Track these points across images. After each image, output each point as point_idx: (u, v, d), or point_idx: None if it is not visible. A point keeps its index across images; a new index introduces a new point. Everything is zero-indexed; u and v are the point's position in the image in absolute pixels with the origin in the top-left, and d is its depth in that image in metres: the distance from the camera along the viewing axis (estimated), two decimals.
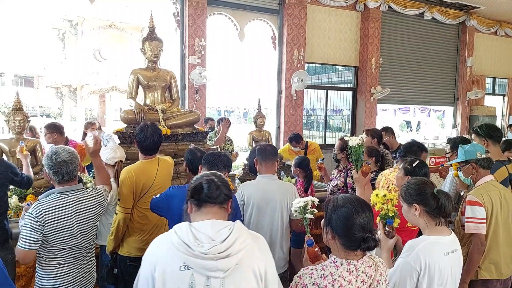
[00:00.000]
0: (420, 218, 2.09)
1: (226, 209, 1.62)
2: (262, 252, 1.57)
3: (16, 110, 3.76)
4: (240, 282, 1.45)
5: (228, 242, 1.43)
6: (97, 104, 13.88)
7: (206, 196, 1.59)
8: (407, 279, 1.95)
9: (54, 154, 2.27)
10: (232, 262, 1.43)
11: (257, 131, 5.75)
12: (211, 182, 1.61)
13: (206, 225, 1.52)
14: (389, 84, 9.76)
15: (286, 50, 8.33)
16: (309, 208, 2.06)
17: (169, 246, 1.47)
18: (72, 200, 2.30)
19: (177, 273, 1.44)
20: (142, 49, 4.24)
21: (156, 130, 2.95)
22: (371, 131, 4.53)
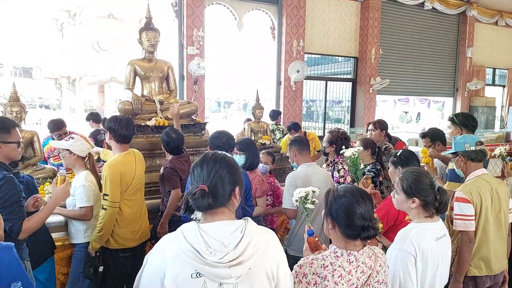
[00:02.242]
0: (414, 210, 2.09)
1: (232, 202, 1.49)
2: (274, 250, 1.50)
3: (13, 101, 3.73)
4: (253, 284, 1.41)
5: (241, 248, 1.37)
6: (96, 95, 13.84)
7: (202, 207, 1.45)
8: (409, 266, 1.95)
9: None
10: (245, 268, 1.38)
11: (255, 122, 5.72)
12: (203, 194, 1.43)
13: (216, 228, 1.42)
14: (389, 75, 9.73)
15: (285, 41, 8.27)
16: (310, 198, 2.05)
17: (179, 252, 1.37)
18: None
19: (189, 281, 1.37)
20: (139, 39, 4.20)
21: (131, 121, 3.06)
22: (378, 123, 4.36)
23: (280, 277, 1.48)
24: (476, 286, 2.71)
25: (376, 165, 3.71)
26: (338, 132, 3.75)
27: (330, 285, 1.61)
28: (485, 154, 2.78)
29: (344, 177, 3.55)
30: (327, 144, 3.76)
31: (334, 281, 1.61)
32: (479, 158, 2.74)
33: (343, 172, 3.57)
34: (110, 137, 2.96)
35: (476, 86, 11.12)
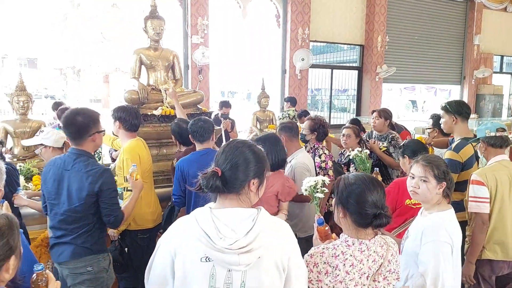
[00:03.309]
0: (438, 195, 2.08)
1: (246, 192, 1.48)
2: (286, 242, 1.47)
3: (20, 90, 3.75)
4: (262, 274, 1.40)
5: (251, 236, 1.36)
6: (101, 85, 13.85)
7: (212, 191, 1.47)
8: (449, 257, 1.97)
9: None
10: (254, 256, 1.37)
11: (261, 111, 5.72)
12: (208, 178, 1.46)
13: (228, 214, 1.43)
14: (395, 63, 9.62)
15: (290, 29, 8.18)
16: (319, 187, 2.04)
17: (191, 235, 1.40)
18: None
19: (198, 264, 1.40)
20: (144, 28, 4.17)
21: (138, 110, 3.17)
22: (383, 112, 4.32)
23: (291, 268, 1.46)
24: (493, 270, 2.73)
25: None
26: (320, 120, 3.80)
27: (341, 274, 1.60)
28: (505, 140, 2.82)
29: (326, 162, 3.61)
30: (308, 131, 3.78)
31: (345, 270, 1.60)
32: (499, 144, 2.80)
33: (324, 157, 3.63)
34: (120, 126, 2.99)
35: (483, 74, 10.98)
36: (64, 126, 2.35)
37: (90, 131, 2.32)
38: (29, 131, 3.77)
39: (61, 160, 2.33)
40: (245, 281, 1.38)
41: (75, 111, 2.37)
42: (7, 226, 1.28)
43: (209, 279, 1.39)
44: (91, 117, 2.35)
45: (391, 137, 4.19)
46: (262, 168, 1.51)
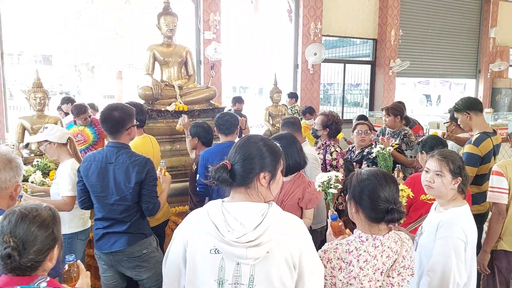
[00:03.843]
0: (453, 190, 2.08)
1: (256, 186, 1.47)
2: (298, 238, 1.43)
3: (36, 87, 3.82)
4: (271, 269, 1.39)
5: (260, 230, 1.35)
6: (114, 81, 13.97)
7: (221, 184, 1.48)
8: (462, 254, 1.96)
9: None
10: (263, 251, 1.36)
11: (274, 106, 5.72)
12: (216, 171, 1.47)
13: (239, 208, 1.43)
14: (409, 57, 9.51)
15: (303, 23, 8.15)
16: (332, 183, 2.04)
17: (202, 227, 1.42)
18: None
19: (207, 256, 1.42)
20: (157, 24, 4.20)
21: (143, 106, 3.12)
22: (391, 109, 4.16)
23: (303, 265, 1.42)
24: (509, 262, 2.73)
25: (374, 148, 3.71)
26: (333, 116, 3.70)
27: (355, 270, 1.60)
28: None
29: (337, 160, 3.55)
30: (320, 126, 3.68)
31: (359, 266, 1.60)
32: None
33: (336, 154, 3.56)
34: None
35: (499, 67, 10.79)
36: (102, 121, 2.45)
37: (126, 125, 2.44)
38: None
39: (101, 154, 2.42)
40: (254, 275, 1.38)
41: (112, 107, 2.48)
42: (51, 218, 1.35)
43: (218, 271, 1.41)
44: (126, 111, 2.48)
45: (403, 134, 4.05)
46: (273, 162, 1.49)
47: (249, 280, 1.39)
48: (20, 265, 1.26)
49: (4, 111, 6.18)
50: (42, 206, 1.38)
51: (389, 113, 4.14)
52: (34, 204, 1.38)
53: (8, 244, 1.26)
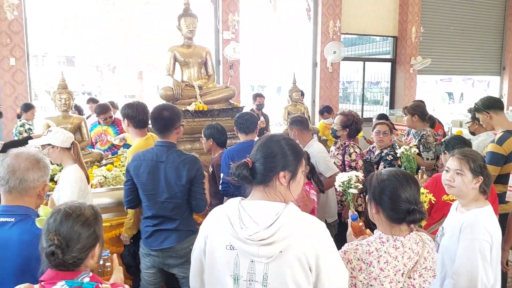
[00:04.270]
0: (475, 190, 2.05)
1: (275, 185, 1.46)
2: (312, 237, 1.41)
3: (62, 88, 3.93)
4: (284, 269, 1.38)
5: (273, 229, 1.35)
6: (135, 82, 14.21)
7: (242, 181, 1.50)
8: (487, 256, 1.94)
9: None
10: (275, 250, 1.36)
11: (293, 105, 5.71)
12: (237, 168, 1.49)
13: (255, 206, 1.45)
14: (430, 54, 9.34)
15: (321, 22, 8.10)
16: (353, 183, 2.04)
17: (220, 223, 1.46)
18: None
19: (223, 251, 1.45)
20: (178, 26, 4.26)
21: (146, 106, 3.02)
22: (408, 108, 4.08)
23: (321, 267, 1.40)
24: None
25: (394, 148, 3.62)
26: (353, 116, 3.62)
27: (375, 271, 1.60)
28: None
29: (356, 161, 3.50)
30: (339, 127, 3.61)
31: (379, 267, 1.60)
32: None
33: (355, 156, 3.51)
34: (128, 124, 2.94)
35: None
36: (152, 121, 2.53)
37: (175, 124, 2.52)
38: (71, 127, 3.95)
39: (151, 153, 2.49)
40: (268, 273, 1.39)
41: (162, 107, 2.57)
42: (93, 217, 1.41)
43: (233, 267, 1.43)
44: (175, 111, 2.56)
45: (421, 134, 3.94)
46: (295, 162, 1.48)
47: (263, 278, 1.39)
48: (64, 262, 1.32)
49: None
50: (86, 205, 1.43)
51: (406, 112, 4.07)
52: (78, 203, 1.43)
53: (53, 242, 1.31)
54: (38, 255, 1.54)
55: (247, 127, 3.16)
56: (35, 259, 1.55)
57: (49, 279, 1.32)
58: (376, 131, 3.69)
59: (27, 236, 1.58)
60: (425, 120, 4.08)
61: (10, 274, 1.57)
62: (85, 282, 1.32)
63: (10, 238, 1.58)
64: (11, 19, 5.91)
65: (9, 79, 6.07)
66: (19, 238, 1.58)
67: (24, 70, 6.16)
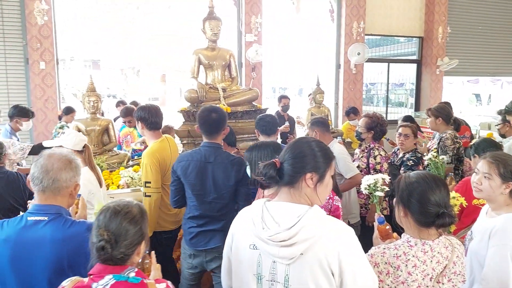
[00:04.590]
0: (504, 195, 2.00)
1: (302, 187, 1.45)
2: (334, 241, 1.37)
3: (90, 91, 4.04)
4: (305, 272, 1.37)
5: (293, 231, 1.34)
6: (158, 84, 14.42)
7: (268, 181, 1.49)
8: None
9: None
10: (296, 252, 1.35)
11: (316, 107, 5.68)
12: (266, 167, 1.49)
13: (279, 207, 1.45)
14: (458, 55, 9.13)
15: (345, 23, 8.04)
16: (379, 185, 2.02)
17: (246, 222, 1.49)
18: None
19: (247, 250, 1.47)
20: (202, 29, 4.31)
21: (159, 108, 3.06)
22: (432, 110, 4.00)
23: (345, 271, 1.36)
24: None
25: (416, 153, 3.56)
26: (378, 118, 3.57)
27: (403, 275, 1.58)
28: None
29: (381, 164, 3.44)
30: (364, 129, 3.56)
31: (407, 271, 1.58)
32: None
33: (380, 158, 3.45)
34: (143, 126, 2.97)
35: None
36: (200, 123, 2.59)
37: (223, 126, 2.60)
38: (99, 129, 4.06)
39: (199, 154, 2.54)
40: (289, 275, 1.39)
41: (210, 109, 2.63)
42: (140, 215, 1.47)
43: (256, 266, 1.45)
44: (223, 113, 2.64)
45: (440, 137, 3.87)
46: (323, 164, 1.47)
47: (285, 279, 1.39)
48: (112, 257, 1.38)
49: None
50: (133, 204, 1.50)
51: (430, 114, 3.99)
52: (126, 201, 1.50)
53: (102, 237, 1.38)
54: (69, 254, 1.60)
55: (269, 129, 3.20)
56: (67, 258, 1.61)
57: (97, 272, 1.38)
58: (398, 133, 3.68)
59: (59, 234, 1.62)
60: (450, 123, 3.98)
61: (43, 272, 1.61)
62: (131, 276, 1.38)
63: (43, 237, 1.62)
64: (41, 24, 6.10)
65: (39, 82, 6.27)
66: (51, 237, 1.61)
67: (53, 74, 6.34)
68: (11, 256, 1.59)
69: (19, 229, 1.63)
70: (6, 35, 6.08)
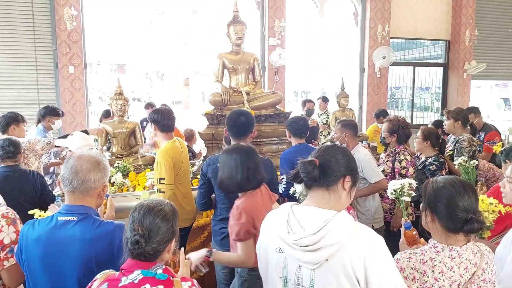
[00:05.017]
0: None
1: (338, 189, 1.46)
2: (360, 247, 1.35)
3: (118, 94, 4.14)
4: (329, 277, 1.35)
5: (318, 236, 1.34)
6: (181, 88, 14.62)
7: (307, 181, 1.48)
8: None
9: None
10: (321, 257, 1.34)
11: (340, 111, 5.65)
12: (307, 164, 1.47)
13: (306, 211, 1.45)
14: (486, 58, 8.91)
15: (370, 26, 7.98)
16: (406, 190, 2.00)
17: (273, 226, 1.50)
18: None
19: (274, 253, 1.48)
20: (227, 33, 4.35)
21: (171, 111, 3.14)
22: (452, 112, 3.97)
23: (370, 279, 1.33)
24: None
25: (438, 157, 3.51)
26: (399, 121, 3.52)
27: (429, 281, 1.55)
28: None
29: (406, 168, 3.37)
30: (387, 134, 3.53)
31: (434, 277, 1.55)
32: None
33: (405, 163, 3.39)
34: (156, 128, 3.06)
35: None
36: (229, 126, 2.71)
37: (251, 129, 2.71)
38: (126, 131, 4.15)
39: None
40: (314, 280, 1.39)
41: (239, 112, 2.74)
42: (171, 213, 1.53)
43: (282, 270, 1.46)
44: (251, 117, 2.74)
45: (457, 139, 3.83)
46: (356, 170, 1.52)
47: (310, 284, 1.39)
48: (145, 252, 1.42)
49: (86, 117, 6.74)
50: (165, 202, 1.55)
51: (449, 117, 3.96)
52: (158, 200, 1.56)
53: (137, 232, 1.43)
54: (97, 253, 1.64)
55: (303, 132, 3.27)
56: (95, 257, 1.64)
57: (128, 267, 1.43)
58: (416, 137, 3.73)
59: (88, 234, 1.66)
60: (466, 127, 3.99)
61: (73, 270, 1.65)
62: (158, 273, 1.41)
63: (73, 236, 1.65)
64: (71, 30, 6.30)
65: (68, 86, 6.46)
66: (80, 237, 1.65)
67: (81, 78, 6.53)
68: (42, 255, 1.63)
69: (50, 228, 1.67)
70: (37, 41, 6.30)
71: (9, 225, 1.80)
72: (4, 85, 6.27)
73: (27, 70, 6.33)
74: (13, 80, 6.31)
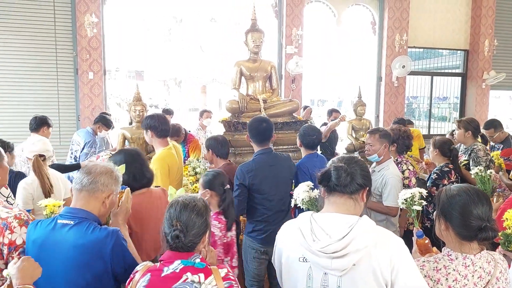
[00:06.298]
0: None
1: (358, 199, 1.52)
2: (387, 251, 1.38)
3: (136, 101, 4.23)
4: (358, 282, 1.37)
5: (345, 241, 1.35)
6: (199, 95, 14.75)
7: (334, 185, 1.52)
8: None
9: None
10: (348, 263, 1.36)
11: (357, 120, 5.64)
12: (339, 169, 1.52)
13: (327, 218, 1.47)
14: (505, 68, 8.78)
15: (387, 35, 7.96)
16: (417, 199, 2.00)
17: (293, 236, 1.50)
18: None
19: (297, 263, 1.48)
20: (245, 41, 4.41)
21: (166, 117, 3.20)
22: (463, 122, 3.95)
23: (398, 282, 1.36)
24: None
25: (443, 166, 3.45)
26: (400, 130, 3.49)
27: None
28: None
29: (409, 179, 3.31)
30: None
31: (448, 285, 1.55)
32: None
33: (408, 173, 3.34)
34: (152, 135, 3.06)
35: None
36: (252, 133, 2.86)
37: (272, 133, 2.88)
38: (143, 137, 4.21)
39: (261, 161, 2.83)
40: (341, 286, 1.39)
41: (260, 119, 2.90)
42: (204, 208, 1.63)
43: (306, 279, 1.45)
44: (271, 122, 2.90)
45: (472, 149, 3.80)
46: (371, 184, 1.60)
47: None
48: (183, 245, 1.53)
49: None
50: (197, 198, 1.65)
51: (460, 126, 3.93)
52: (191, 196, 1.66)
53: (176, 227, 1.53)
54: (88, 260, 1.66)
55: (315, 144, 3.37)
56: (87, 263, 1.66)
57: (167, 258, 1.54)
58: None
59: (81, 240, 1.66)
60: (477, 137, 3.97)
61: (62, 274, 1.66)
62: (197, 262, 1.52)
63: (66, 241, 1.67)
64: (91, 36, 6.45)
65: (87, 91, 6.61)
66: (73, 242, 1.66)
67: (100, 84, 6.67)
68: (36, 256, 1.63)
69: (48, 231, 1.70)
70: (58, 47, 6.46)
71: (21, 226, 1.82)
72: (25, 90, 6.43)
73: (48, 76, 6.48)
74: (34, 85, 6.46)
